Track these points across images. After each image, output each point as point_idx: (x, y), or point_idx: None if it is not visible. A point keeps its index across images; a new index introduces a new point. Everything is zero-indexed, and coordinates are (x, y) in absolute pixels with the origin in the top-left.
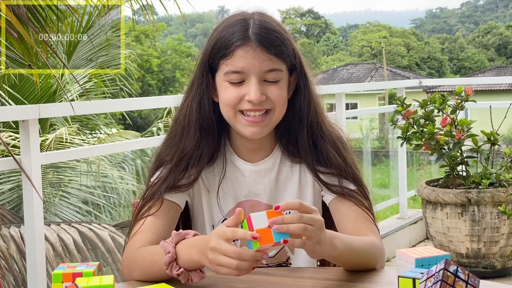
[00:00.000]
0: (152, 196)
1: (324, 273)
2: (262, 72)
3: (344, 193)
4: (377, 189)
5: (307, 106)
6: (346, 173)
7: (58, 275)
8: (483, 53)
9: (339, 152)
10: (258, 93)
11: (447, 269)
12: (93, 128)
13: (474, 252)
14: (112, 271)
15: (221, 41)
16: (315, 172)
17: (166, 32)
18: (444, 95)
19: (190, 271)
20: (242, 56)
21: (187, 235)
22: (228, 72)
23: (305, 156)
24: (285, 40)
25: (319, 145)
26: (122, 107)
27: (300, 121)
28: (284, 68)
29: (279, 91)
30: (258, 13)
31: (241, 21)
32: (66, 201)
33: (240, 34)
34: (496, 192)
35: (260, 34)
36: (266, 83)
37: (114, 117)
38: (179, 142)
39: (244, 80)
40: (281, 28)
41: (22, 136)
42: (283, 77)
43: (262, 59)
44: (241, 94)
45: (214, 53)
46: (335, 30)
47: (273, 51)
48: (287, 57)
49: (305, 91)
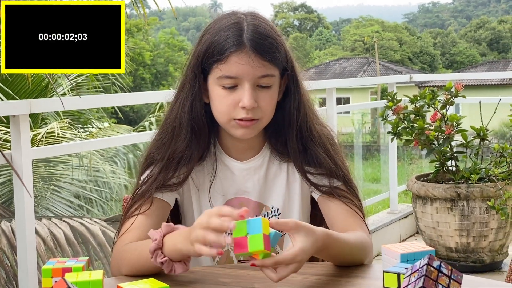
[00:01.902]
0: (142, 195)
1: (313, 268)
2: (256, 77)
3: (333, 193)
4: (368, 183)
5: (297, 110)
6: (336, 175)
7: (48, 270)
8: (475, 48)
9: (329, 154)
10: (252, 99)
11: (431, 264)
12: (85, 122)
13: (463, 247)
14: (103, 265)
15: (214, 44)
16: (304, 173)
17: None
18: (434, 90)
19: (174, 262)
20: (236, 62)
21: (176, 229)
22: (222, 76)
23: (295, 158)
24: (278, 46)
25: (309, 148)
26: (115, 102)
27: (289, 124)
28: (277, 73)
29: (270, 99)
30: (251, 16)
31: (234, 25)
32: (58, 195)
33: (234, 39)
34: (485, 187)
35: (254, 40)
36: (259, 88)
37: (106, 111)
38: (170, 143)
39: (237, 85)
40: (274, 32)
41: (13, 131)
42: (275, 82)
43: (256, 66)
44: (235, 101)
45: (207, 56)
46: (328, 25)
47: (267, 57)
48: (280, 63)
49: (295, 94)
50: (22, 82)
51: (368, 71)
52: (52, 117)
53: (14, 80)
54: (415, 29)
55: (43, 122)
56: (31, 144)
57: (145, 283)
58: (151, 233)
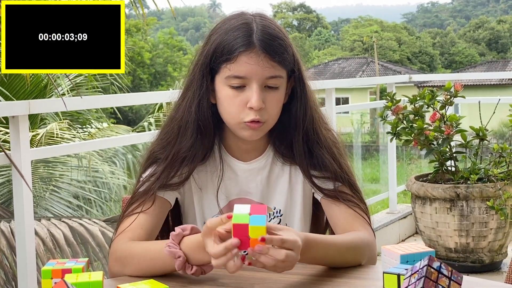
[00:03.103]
0: (144, 193)
1: (311, 269)
2: (264, 78)
3: (338, 196)
4: (367, 183)
5: (303, 113)
6: (341, 178)
7: (47, 271)
8: (474, 48)
9: (334, 158)
10: (260, 100)
11: (431, 266)
12: (84, 123)
13: (463, 247)
14: (102, 266)
15: (223, 44)
16: (310, 176)
17: (158, 26)
18: (433, 90)
19: (202, 265)
20: (245, 62)
21: (185, 231)
22: (230, 76)
23: (300, 161)
24: (287, 47)
25: (315, 151)
26: (116, 102)
27: (295, 127)
28: (284, 74)
29: (276, 101)
30: (260, 17)
31: (244, 25)
32: (57, 196)
33: (244, 39)
34: (484, 187)
35: (264, 41)
36: (267, 88)
37: (105, 112)
38: (175, 142)
39: (245, 85)
40: (283, 33)
41: (12, 132)
42: (283, 83)
43: (265, 66)
44: (242, 101)
45: (216, 56)
46: (327, 25)
47: (276, 58)
48: (288, 64)
49: (301, 97)
50: (21, 83)
51: (367, 71)
52: (51, 117)
53: (12, 81)
54: (414, 29)
55: (42, 123)
56: (30, 144)
57: (145, 284)
58: (169, 252)
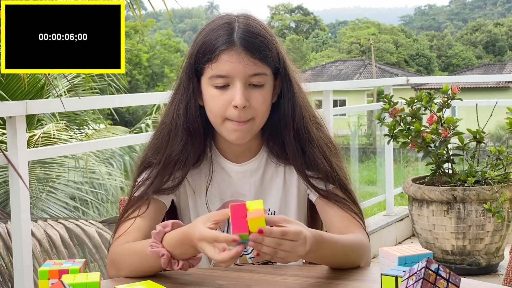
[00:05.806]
0: (139, 198)
1: (309, 270)
2: (247, 76)
3: (330, 197)
4: (364, 186)
5: (292, 111)
6: (333, 179)
7: (44, 272)
8: (471, 51)
9: (326, 157)
10: (243, 98)
11: (429, 268)
12: (81, 124)
13: (459, 249)
14: (99, 267)
15: (206, 45)
16: (305, 176)
17: (155, 27)
18: (431, 93)
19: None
20: (226, 60)
21: (166, 228)
22: (213, 76)
23: (294, 161)
24: (269, 44)
25: (307, 150)
26: (114, 103)
27: (285, 126)
28: (269, 72)
29: (262, 99)
30: (243, 16)
31: (226, 25)
32: (54, 197)
33: (225, 38)
34: (481, 190)
35: (244, 39)
36: (251, 87)
37: (102, 113)
38: (166, 145)
39: (229, 84)
40: (266, 31)
41: (9, 132)
42: (268, 81)
43: (246, 64)
44: (227, 100)
45: (199, 57)
46: (324, 27)
47: (257, 55)
48: (271, 61)
49: (288, 95)
50: (18, 83)
51: (364, 73)
52: (48, 118)
53: (9, 81)
54: (411, 31)
55: (39, 124)
56: (27, 145)
57: (141, 285)
58: (152, 251)
